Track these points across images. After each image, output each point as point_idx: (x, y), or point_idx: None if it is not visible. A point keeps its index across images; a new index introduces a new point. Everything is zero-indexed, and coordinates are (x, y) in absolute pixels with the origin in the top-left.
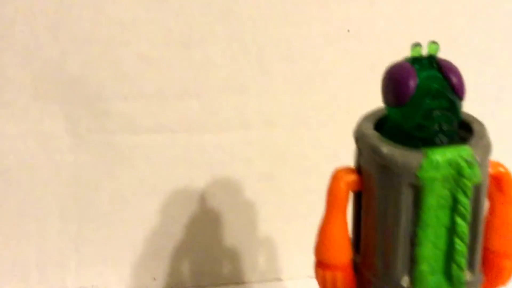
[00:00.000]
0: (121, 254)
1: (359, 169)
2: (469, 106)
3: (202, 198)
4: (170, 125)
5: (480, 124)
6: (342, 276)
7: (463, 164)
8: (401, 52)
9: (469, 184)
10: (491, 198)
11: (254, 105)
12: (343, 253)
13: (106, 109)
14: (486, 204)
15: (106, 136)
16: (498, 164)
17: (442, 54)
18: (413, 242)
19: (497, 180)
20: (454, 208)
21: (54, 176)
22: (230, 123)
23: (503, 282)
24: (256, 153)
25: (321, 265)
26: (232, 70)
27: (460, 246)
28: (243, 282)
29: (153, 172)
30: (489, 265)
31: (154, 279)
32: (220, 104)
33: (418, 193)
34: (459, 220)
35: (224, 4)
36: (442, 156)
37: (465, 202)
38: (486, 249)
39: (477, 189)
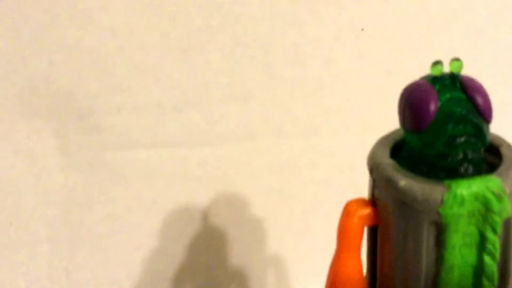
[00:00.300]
0: (117, 280)
1: (374, 202)
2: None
3: (205, 216)
4: (169, 139)
5: (509, 147)
6: None
7: (491, 197)
8: (421, 53)
9: (498, 219)
10: None
11: (259, 113)
12: None
13: (98, 124)
14: None
15: (98, 153)
16: None
17: (463, 54)
18: (436, 284)
19: None
20: (481, 246)
21: (43, 197)
22: (234, 134)
23: None
24: (263, 165)
25: None
26: (235, 77)
27: None
28: None
29: (151, 190)
30: None
31: None
32: (222, 114)
33: (440, 230)
34: (487, 259)
35: (224, 5)
36: (467, 189)
37: (494, 240)
38: None
39: (507, 223)
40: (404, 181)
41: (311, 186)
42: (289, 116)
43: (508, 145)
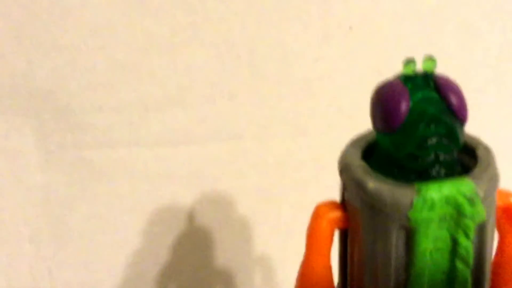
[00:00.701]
0: (100, 279)
1: (344, 205)
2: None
3: (190, 216)
4: (153, 137)
5: (486, 149)
6: None
7: (463, 201)
8: (410, 51)
9: (471, 224)
10: (501, 233)
11: (245, 113)
12: None
13: (79, 122)
14: (493, 244)
15: (79, 152)
16: (508, 194)
17: (453, 52)
18: None
19: (508, 213)
20: (453, 251)
21: (24, 197)
22: (219, 133)
23: None
24: (249, 165)
25: None
26: (220, 75)
27: None
28: None
29: (134, 190)
30: None
31: None
32: (207, 113)
33: (410, 235)
34: (460, 265)
35: (209, 2)
36: (438, 192)
37: (467, 245)
38: None
39: (481, 228)
40: (373, 184)
41: (298, 185)
42: (275, 116)
43: (485, 147)
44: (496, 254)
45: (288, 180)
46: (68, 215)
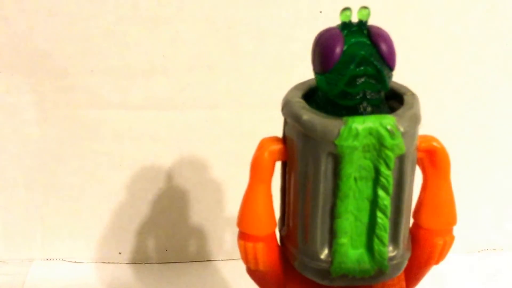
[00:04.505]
0: (87, 227)
1: (284, 139)
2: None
3: (169, 175)
4: (138, 101)
5: (412, 95)
6: (263, 247)
7: (384, 133)
8: None
9: (391, 155)
10: (424, 173)
11: (222, 84)
12: (264, 225)
13: (72, 83)
14: (413, 177)
15: (72, 111)
16: (432, 139)
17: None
18: (333, 213)
19: (430, 154)
20: (376, 180)
21: (21, 148)
22: (198, 101)
23: (436, 261)
24: (224, 132)
25: (242, 236)
26: (201, 48)
27: (382, 220)
28: (209, 260)
29: (120, 148)
30: (422, 243)
31: (120, 253)
32: (188, 82)
33: (337, 162)
34: (381, 193)
35: None
36: (362, 124)
37: (387, 174)
38: (418, 226)
39: (401, 160)
40: (306, 116)
41: None
42: (250, 88)
43: (412, 93)
44: (421, 191)
45: None
46: (60, 167)
